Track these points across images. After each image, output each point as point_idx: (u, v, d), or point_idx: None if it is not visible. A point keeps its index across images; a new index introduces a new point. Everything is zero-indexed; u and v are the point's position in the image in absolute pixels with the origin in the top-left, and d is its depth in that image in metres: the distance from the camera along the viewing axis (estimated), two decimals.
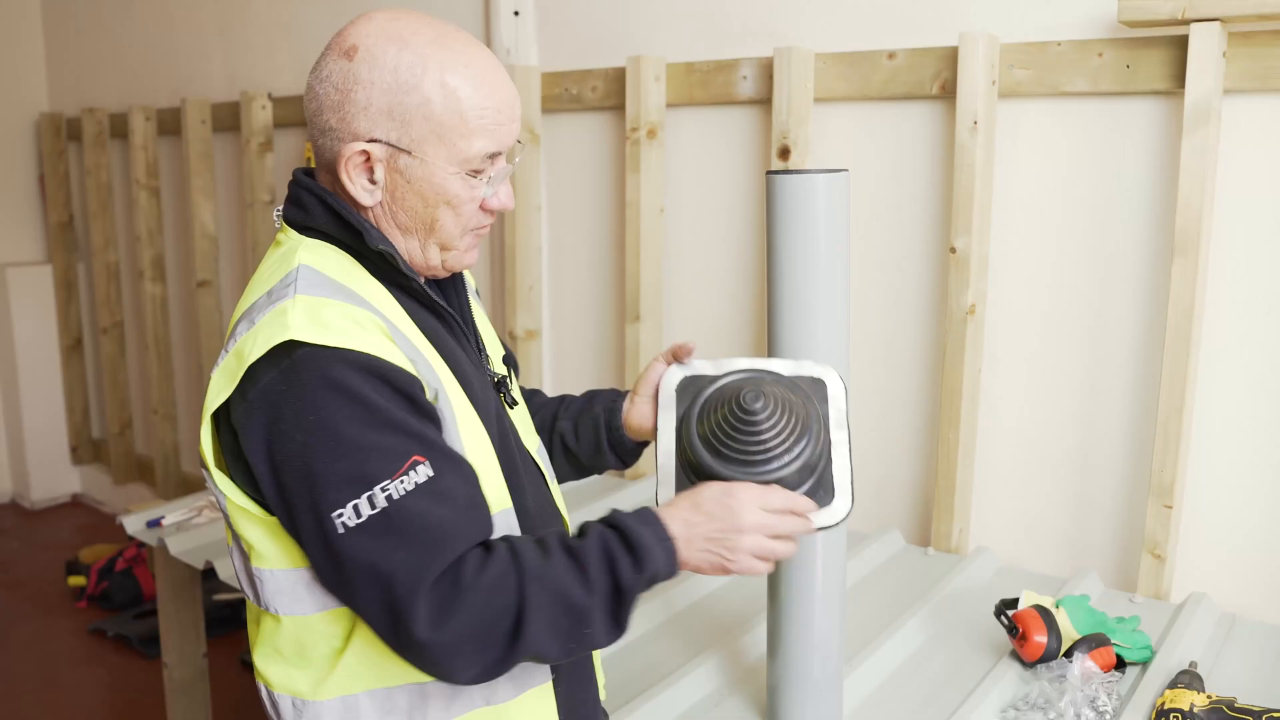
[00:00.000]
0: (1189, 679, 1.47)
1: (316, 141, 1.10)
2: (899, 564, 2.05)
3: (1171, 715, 1.37)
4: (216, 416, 1.06)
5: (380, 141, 1.06)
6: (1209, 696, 1.39)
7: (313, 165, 1.18)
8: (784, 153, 2.20)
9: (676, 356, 1.30)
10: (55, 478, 4.54)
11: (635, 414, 1.34)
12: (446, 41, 1.07)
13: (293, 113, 3.30)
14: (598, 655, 1.32)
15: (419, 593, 0.97)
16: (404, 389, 1.02)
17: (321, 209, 1.11)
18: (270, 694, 1.13)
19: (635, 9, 2.50)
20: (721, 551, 1.09)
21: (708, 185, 2.44)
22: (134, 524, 2.23)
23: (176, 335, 4.01)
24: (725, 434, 1.16)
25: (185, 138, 3.56)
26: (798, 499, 1.13)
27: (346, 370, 0.99)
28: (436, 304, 1.14)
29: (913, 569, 2.02)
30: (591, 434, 1.38)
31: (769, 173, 1.35)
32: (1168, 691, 1.43)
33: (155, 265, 3.91)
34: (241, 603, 3.32)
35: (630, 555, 1.04)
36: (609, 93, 2.52)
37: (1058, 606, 1.61)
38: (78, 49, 4.30)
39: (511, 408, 1.24)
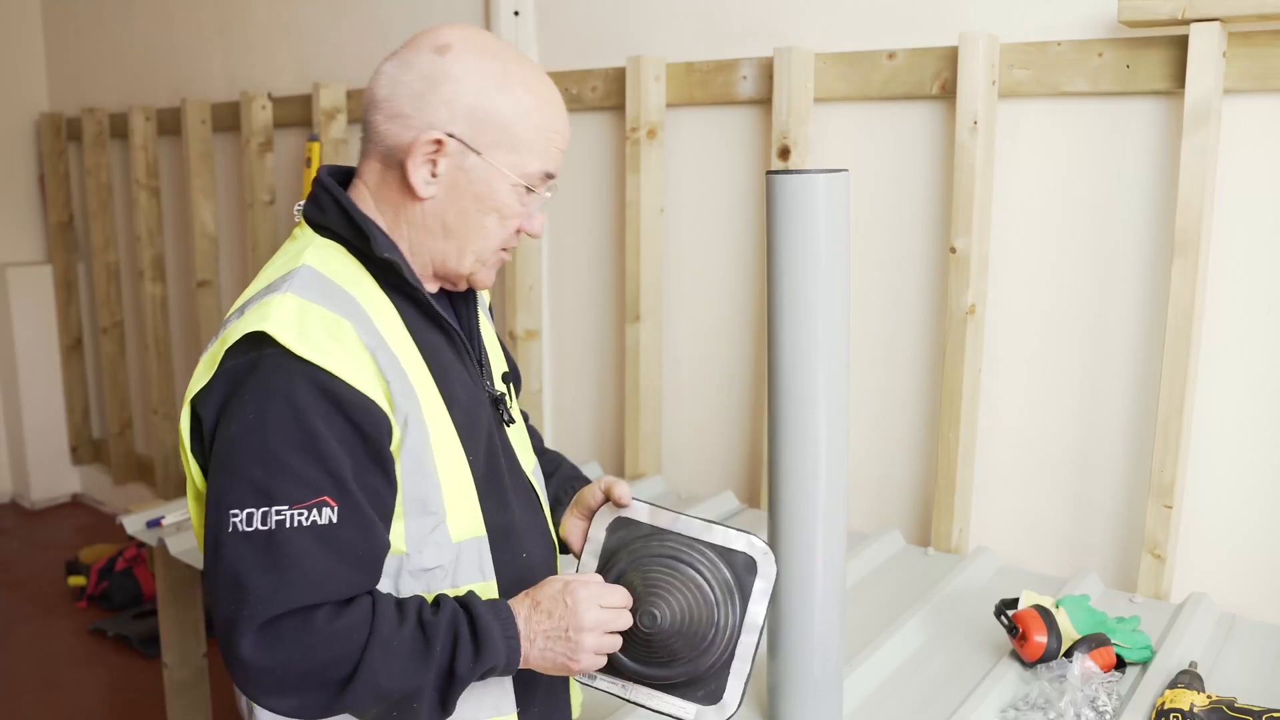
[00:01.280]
0: (1189, 679, 1.47)
1: (380, 127, 1.11)
2: (899, 564, 2.05)
3: (1171, 715, 1.37)
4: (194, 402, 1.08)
5: (455, 137, 1.09)
6: (1209, 696, 1.39)
7: (315, 164, 1.19)
8: (784, 153, 2.20)
9: (613, 498, 1.26)
10: (55, 478, 4.54)
11: (566, 529, 1.33)
12: (525, 63, 1.13)
13: (293, 113, 3.30)
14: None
15: (259, 618, 0.99)
16: (358, 423, 1.02)
17: (336, 210, 1.12)
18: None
19: (635, 9, 2.50)
20: (564, 650, 1.10)
21: (708, 185, 2.44)
22: (134, 524, 2.23)
23: (176, 335, 4.01)
24: (631, 632, 1.18)
25: (185, 138, 3.56)
26: (628, 597, 1.17)
27: (305, 388, 1.00)
28: (440, 317, 1.14)
29: (913, 569, 2.02)
30: None
31: (769, 173, 1.35)
32: (1168, 691, 1.43)
33: (155, 265, 3.91)
34: None
35: (473, 644, 1.05)
36: (609, 93, 2.52)
37: (1058, 606, 1.61)
38: (78, 49, 4.30)
39: (508, 425, 1.23)
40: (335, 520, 1.01)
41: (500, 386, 1.25)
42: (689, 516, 1.24)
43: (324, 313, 1.04)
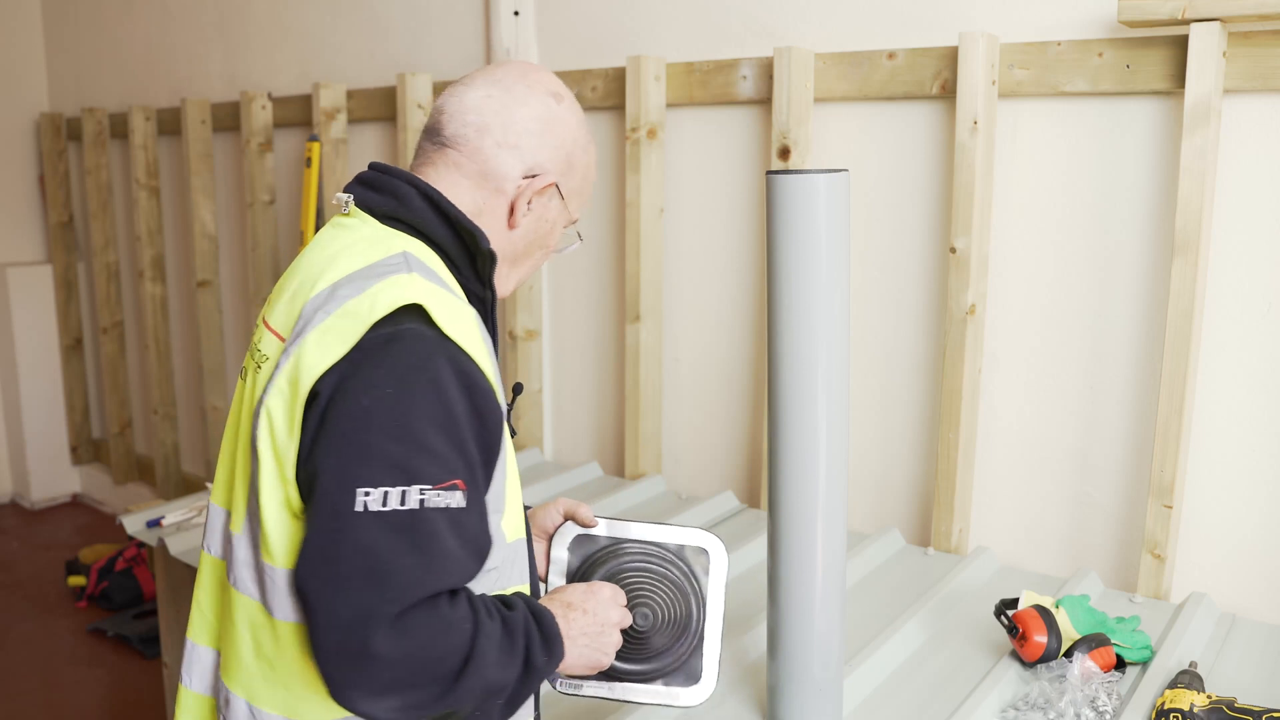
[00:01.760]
0: (1189, 679, 1.47)
1: (484, 148, 1.14)
2: (899, 564, 2.05)
3: (1171, 715, 1.37)
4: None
5: (553, 178, 1.17)
6: (1209, 696, 1.39)
7: (315, 164, 1.19)
8: (784, 153, 2.20)
9: (581, 520, 1.30)
10: (55, 478, 4.54)
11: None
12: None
13: (293, 113, 3.30)
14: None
15: (401, 604, 0.94)
16: (484, 412, 1.02)
17: (425, 204, 1.12)
18: (255, 712, 1.08)
19: (635, 9, 2.50)
20: (598, 647, 1.17)
21: (708, 185, 2.44)
22: (134, 524, 2.23)
23: (176, 335, 4.01)
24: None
25: (185, 138, 3.56)
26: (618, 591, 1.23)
27: (448, 367, 0.99)
28: (494, 325, 1.19)
29: (913, 569, 2.02)
30: None
31: (769, 173, 1.35)
32: (1168, 691, 1.43)
33: (155, 265, 3.91)
34: None
35: (543, 640, 1.07)
36: (609, 93, 2.52)
37: (1058, 606, 1.61)
38: (78, 49, 4.30)
39: (513, 436, 1.24)
40: (464, 505, 0.99)
41: (507, 394, 1.26)
42: (638, 523, 1.31)
43: (452, 297, 1.05)
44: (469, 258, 1.14)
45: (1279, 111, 1.75)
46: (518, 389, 1.28)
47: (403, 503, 0.95)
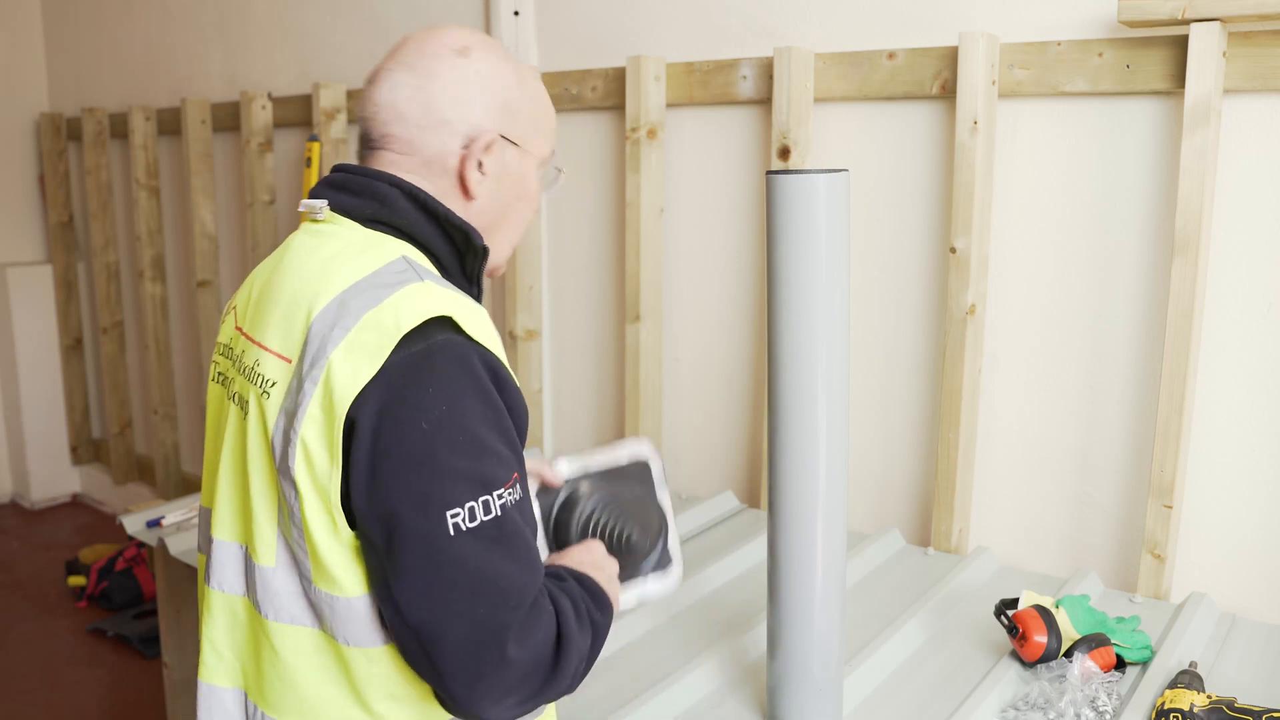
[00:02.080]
0: (1189, 679, 1.47)
1: (416, 139, 1.09)
2: (899, 564, 2.05)
3: (1171, 715, 1.37)
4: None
5: (501, 135, 1.11)
6: (1209, 696, 1.39)
7: (315, 164, 1.18)
8: (784, 153, 2.20)
9: (548, 480, 1.31)
10: (55, 478, 4.54)
11: None
12: (510, 52, 1.17)
13: (293, 113, 3.30)
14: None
15: (523, 609, 0.96)
16: (514, 407, 1.02)
17: (410, 204, 1.09)
18: None
19: (635, 9, 2.50)
20: (612, 594, 1.18)
21: (708, 185, 2.44)
22: (134, 524, 2.23)
23: (176, 335, 4.01)
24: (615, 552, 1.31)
25: (185, 138, 3.56)
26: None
27: (484, 369, 0.99)
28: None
29: (913, 569, 2.02)
30: None
31: (769, 173, 1.35)
32: (1168, 691, 1.43)
33: (155, 265, 3.91)
34: None
35: (594, 601, 1.10)
36: (609, 93, 2.52)
37: (1058, 606, 1.61)
38: (78, 49, 4.30)
39: None
40: (522, 495, 1.00)
41: None
42: (586, 456, 1.37)
43: (467, 300, 1.03)
44: (458, 256, 1.11)
45: (1279, 111, 1.75)
46: None
47: (488, 512, 0.95)
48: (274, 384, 1.03)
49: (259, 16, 3.47)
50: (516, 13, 2.68)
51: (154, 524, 2.23)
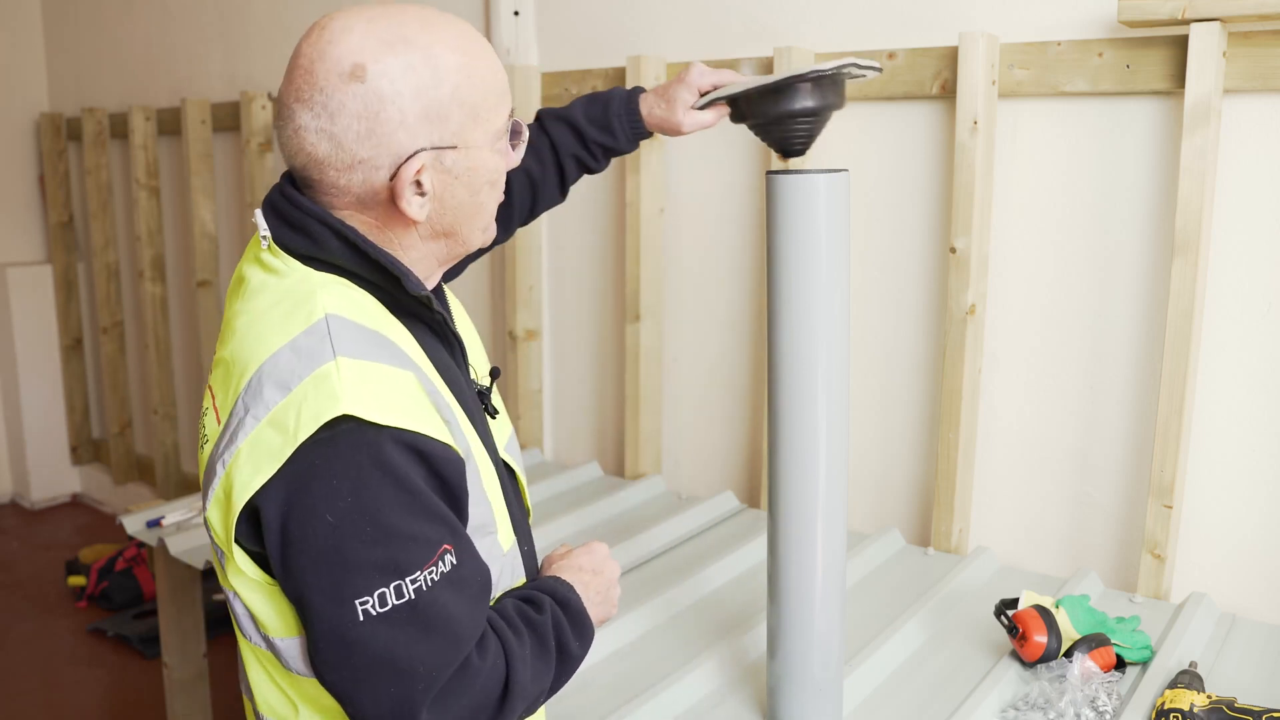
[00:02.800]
0: (1189, 679, 1.47)
1: (338, 181, 1.01)
2: (899, 564, 2.05)
3: (1171, 715, 1.37)
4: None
5: (425, 149, 1.00)
6: (1209, 696, 1.39)
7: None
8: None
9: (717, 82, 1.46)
10: (55, 478, 4.54)
11: (675, 119, 1.49)
12: (429, 23, 1.02)
13: None
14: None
15: (437, 684, 0.95)
16: (443, 473, 0.98)
17: (342, 245, 1.03)
18: None
19: (635, 9, 2.50)
20: (608, 602, 1.21)
21: (708, 185, 2.44)
22: (134, 524, 2.23)
23: (176, 335, 4.01)
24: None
25: (185, 138, 3.56)
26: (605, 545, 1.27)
27: (395, 451, 0.94)
28: (446, 329, 1.12)
29: (913, 569, 2.02)
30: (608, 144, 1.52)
31: (769, 173, 1.35)
32: (1168, 691, 1.43)
33: (155, 265, 3.91)
34: None
35: (572, 626, 1.11)
36: None
37: (1058, 606, 1.61)
38: (78, 49, 4.30)
39: (493, 418, 1.21)
40: (456, 562, 0.98)
41: (484, 379, 1.23)
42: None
43: (384, 370, 0.98)
44: (399, 286, 1.05)
45: (1279, 111, 1.75)
46: (494, 373, 1.25)
47: (400, 596, 0.94)
48: (208, 440, 1.05)
49: (259, 16, 3.47)
50: (516, 13, 2.68)
51: (154, 524, 2.23)
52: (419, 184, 1.02)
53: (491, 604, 1.08)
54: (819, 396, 1.35)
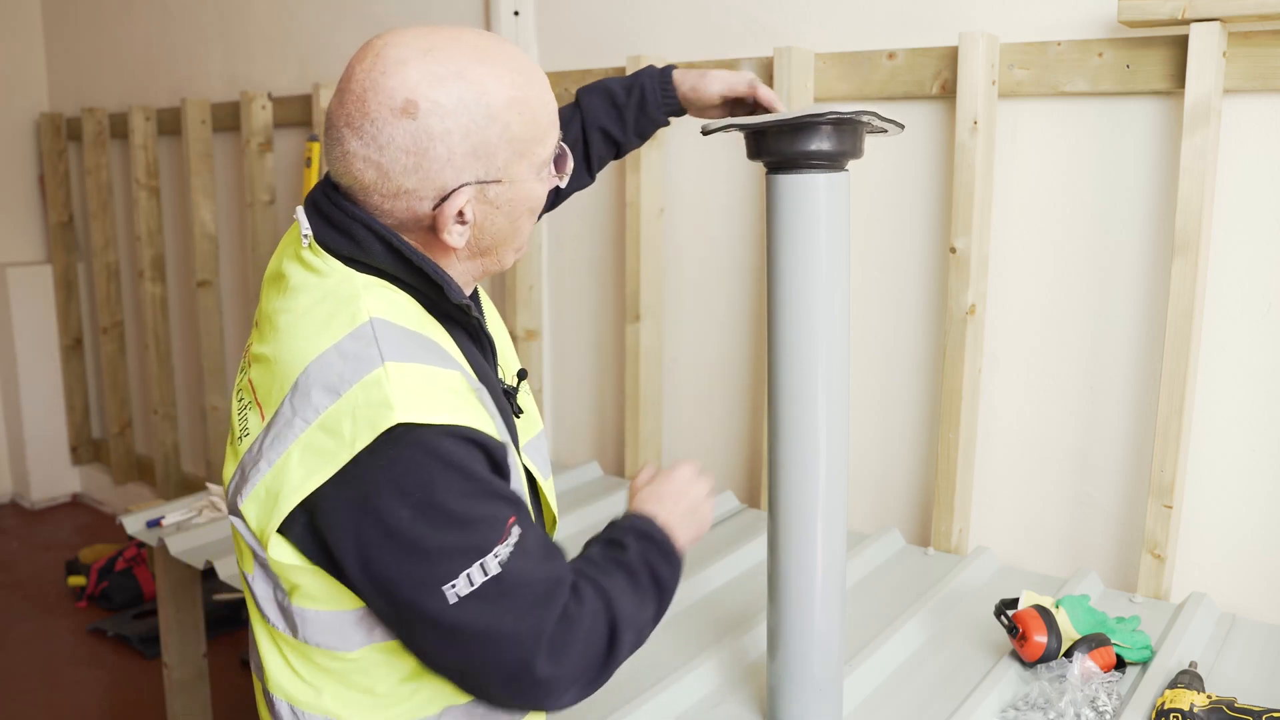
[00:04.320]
0: (1189, 679, 1.47)
1: (382, 207, 1.04)
2: (899, 564, 2.05)
3: (1171, 715, 1.37)
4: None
5: (470, 184, 1.03)
6: (1209, 696, 1.39)
7: (315, 164, 1.16)
8: None
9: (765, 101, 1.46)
10: (55, 478, 4.54)
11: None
12: (484, 56, 1.02)
13: (293, 112, 3.30)
14: None
15: (541, 641, 1.01)
16: (495, 458, 1.02)
17: (386, 251, 1.05)
18: (297, 713, 1.11)
19: (635, 9, 2.50)
20: (698, 522, 1.24)
21: (708, 185, 2.44)
22: (134, 524, 2.24)
23: (176, 335, 4.01)
24: None
25: (185, 138, 3.56)
26: (694, 463, 1.30)
27: (453, 444, 0.98)
28: (481, 333, 1.15)
29: (913, 569, 2.02)
30: (645, 127, 1.52)
31: (769, 173, 1.35)
32: (1168, 691, 1.43)
33: (155, 265, 3.91)
34: (241, 603, 3.32)
35: (663, 556, 1.15)
36: None
37: (1058, 606, 1.61)
38: (78, 49, 4.30)
39: (518, 416, 1.23)
40: (523, 531, 1.02)
41: (511, 379, 1.25)
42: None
43: (431, 371, 1.01)
44: (440, 292, 1.08)
45: (1279, 111, 1.75)
46: (521, 374, 1.27)
47: (485, 573, 0.98)
48: (248, 434, 1.07)
49: (259, 16, 3.47)
50: (516, 13, 2.68)
51: (154, 524, 2.23)
52: (460, 214, 1.04)
53: (579, 555, 1.15)
54: (819, 396, 1.35)
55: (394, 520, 0.96)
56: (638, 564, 1.12)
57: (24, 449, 4.44)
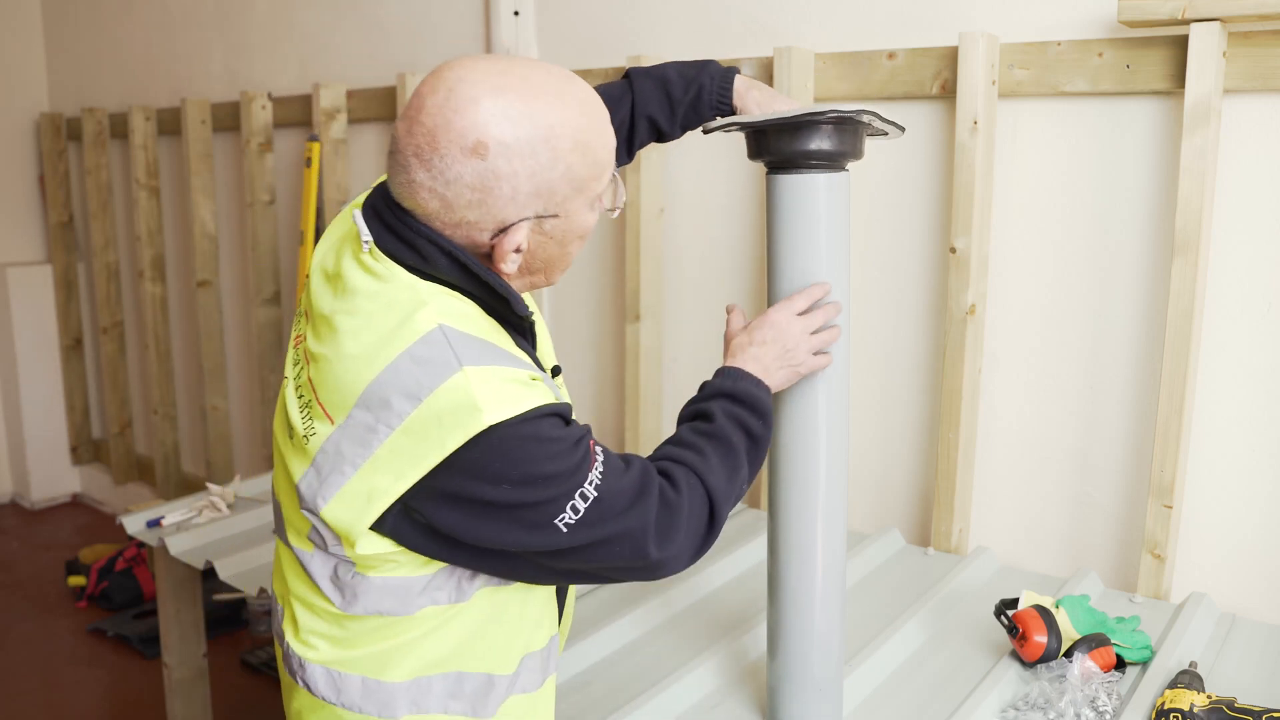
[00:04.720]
0: (1189, 679, 1.47)
1: (441, 231, 1.07)
2: (899, 564, 2.05)
3: (1171, 715, 1.37)
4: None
5: (529, 219, 1.07)
6: (1209, 696, 1.39)
7: (315, 164, 1.19)
8: None
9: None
10: (55, 478, 4.54)
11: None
12: (554, 98, 1.05)
13: (292, 113, 3.30)
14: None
15: (649, 531, 1.09)
16: (566, 416, 1.10)
17: (451, 264, 1.08)
18: (332, 673, 1.15)
19: (635, 9, 2.50)
20: (795, 363, 1.29)
21: (708, 185, 2.44)
22: (134, 524, 2.24)
23: (176, 335, 4.02)
24: None
25: (185, 138, 3.56)
26: (813, 290, 1.32)
27: (535, 424, 1.04)
28: (533, 335, 1.20)
29: (913, 569, 2.02)
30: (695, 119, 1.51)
31: (769, 172, 1.35)
32: (1168, 691, 1.43)
33: (155, 265, 3.91)
34: (241, 603, 3.32)
35: (753, 413, 1.22)
36: None
37: (1058, 606, 1.61)
38: (78, 49, 4.30)
39: None
40: (605, 451, 1.11)
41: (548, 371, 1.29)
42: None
43: (507, 370, 1.05)
44: (503, 304, 1.12)
45: (1279, 111, 1.75)
46: (556, 370, 1.30)
47: (586, 500, 1.06)
48: (315, 434, 1.09)
49: (259, 16, 3.47)
50: (516, 13, 2.68)
51: (154, 524, 2.23)
52: (517, 245, 1.09)
53: (671, 438, 1.23)
54: (819, 396, 1.35)
55: (498, 495, 1.03)
56: (727, 428, 1.20)
57: (24, 449, 4.44)
